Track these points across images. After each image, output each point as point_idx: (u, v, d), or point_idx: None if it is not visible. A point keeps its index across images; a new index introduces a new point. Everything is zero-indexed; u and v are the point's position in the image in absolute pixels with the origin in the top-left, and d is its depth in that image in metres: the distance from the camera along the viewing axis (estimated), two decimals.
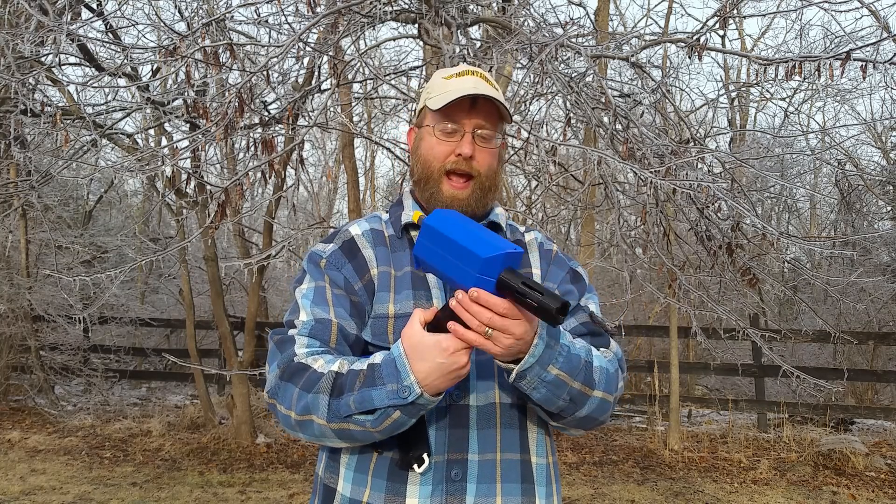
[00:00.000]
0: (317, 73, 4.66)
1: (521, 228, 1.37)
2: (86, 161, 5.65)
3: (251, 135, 3.52)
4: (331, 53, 3.50)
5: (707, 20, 3.70)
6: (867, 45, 3.41)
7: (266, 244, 5.95)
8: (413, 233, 1.28)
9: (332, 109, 4.61)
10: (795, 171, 11.43)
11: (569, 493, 5.02)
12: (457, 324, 0.99)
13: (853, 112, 14.38)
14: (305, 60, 4.13)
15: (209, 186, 3.44)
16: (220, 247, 9.30)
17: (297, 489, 5.06)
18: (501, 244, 0.98)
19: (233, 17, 4.04)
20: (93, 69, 4.92)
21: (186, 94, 4.22)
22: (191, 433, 6.48)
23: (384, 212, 1.36)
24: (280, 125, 3.90)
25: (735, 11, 3.94)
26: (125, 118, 5.69)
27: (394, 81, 4.39)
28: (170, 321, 9.14)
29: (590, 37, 4.24)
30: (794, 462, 5.78)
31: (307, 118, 4.40)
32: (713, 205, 3.87)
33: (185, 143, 4.54)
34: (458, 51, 3.29)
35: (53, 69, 4.83)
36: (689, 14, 32.96)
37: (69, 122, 4.65)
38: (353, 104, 5.49)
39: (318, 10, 3.24)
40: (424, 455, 1.09)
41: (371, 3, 3.29)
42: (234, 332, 6.88)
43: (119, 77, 4.38)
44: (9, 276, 7.18)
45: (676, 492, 5.10)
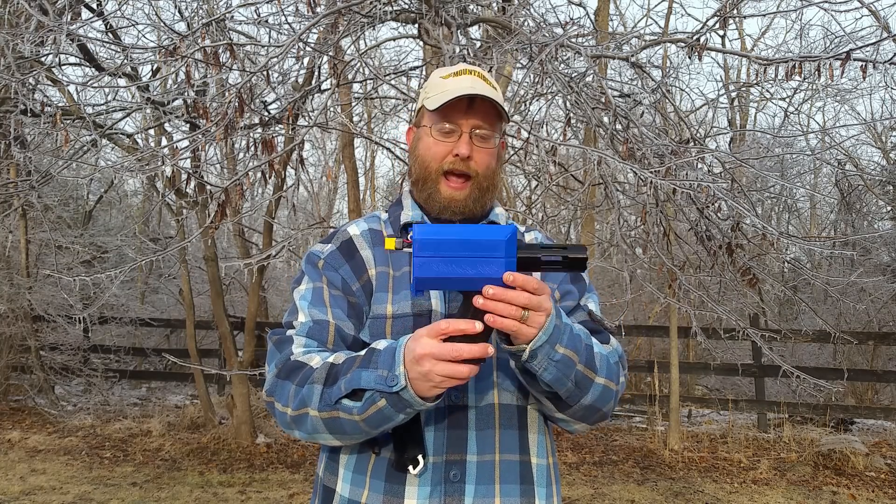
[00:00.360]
0: (317, 73, 4.66)
1: (522, 228, 1.37)
2: (86, 161, 5.65)
3: (251, 135, 3.52)
4: (331, 53, 3.50)
5: (707, 20, 3.70)
6: (867, 45, 3.41)
7: (266, 244, 5.95)
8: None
9: (332, 109, 4.61)
10: (795, 171, 11.43)
11: (569, 493, 5.02)
12: (494, 316, 0.96)
13: (853, 112, 14.39)
14: (305, 60, 4.13)
15: (209, 186, 3.44)
16: (220, 247, 9.30)
17: (297, 489, 5.06)
18: (500, 227, 0.99)
19: (233, 17, 4.04)
20: (93, 69, 4.92)
21: (186, 94, 4.22)
22: (191, 433, 6.48)
23: (383, 211, 1.35)
24: (280, 125, 3.90)
25: (735, 11, 3.94)
26: (125, 118, 5.70)
27: (394, 81, 4.39)
28: (170, 321, 9.14)
29: (590, 37, 4.24)
30: (794, 462, 5.78)
31: (307, 118, 4.40)
32: (713, 205, 3.87)
33: (185, 143, 4.54)
34: (458, 51, 3.29)
35: (53, 69, 4.83)
36: (689, 14, 32.98)
37: (69, 122, 4.65)
38: (353, 104, 5.49)
39: (318, 10, 3.24)
40: (420, 457, 1.09)
41: (371, 3, 3.29)
42: (234, 332, 6.88)
43: (119, 77, 4.39)
44: (9, 276, 7.18)
45: (676, 492, 5.11)
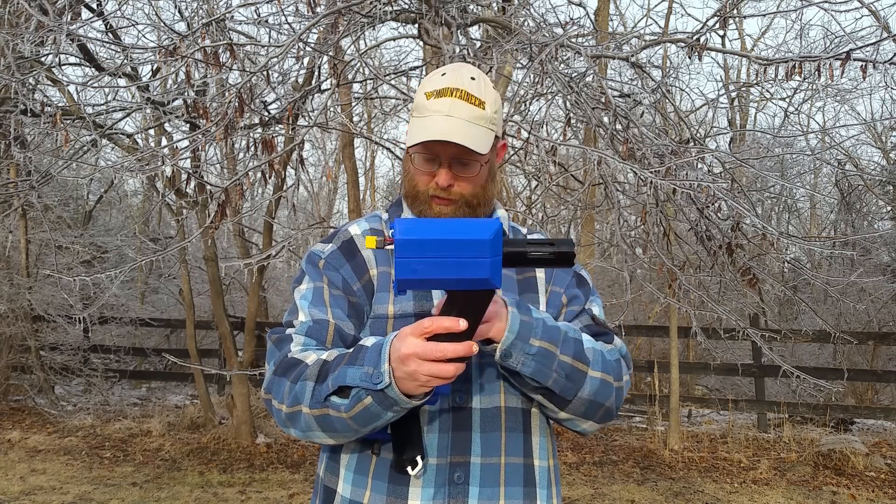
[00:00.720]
0: (317, 73, 4.66)
1: (524, 230, 1.37)
2: (86, 161, 5.65)
3: (251, 135, 3.52)
4: (331, 53, 3.50)
5: (707, 20, 3.70)
6: (867, 45, 3.41)
7: (266, 244, 5.95)
8: None
9: (332, 109, 4.61)
10: (795, 171, 11.44)
11: (569, 493, 5.02)
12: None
13: (853, 112, 14.40)
14: (305, 60, 4.13)
15: (209, 186, 3.44)
16: (220, 247, 9.29)
17: (297, 489, 5.06)
18: (485, 222, 0.95)
19: (233, 17, 4.04)
20: (93, 69, 4.92)
21: (186, 94, 4.22)
22: (191, 433, 6.48)
23: (384, 211, 1.35)
24: (280, 125, 3.90)
25: (735, 11, 3.94)
26: (125, 118, 5.69)
27: (394, 81, 4.39)
28: (170, 321, 9.14)
29: (590, 37, 4.24)
30: (794, 462, 5.78)
31: (307, 118, 4.39)
32: (713, 205, 3.87)
33: (185, 143, 4.55)
34: (458, 51, 3.29)
35: (53, 69, 4.83)
36: (689, 14, 33.00)
37: (69, 122, 4.65)
38: (353, 104, 5.49)
39: (318, 10, 3.24)
40: (418, 457, 1.09)
41: (371, 3, 3.29)
42: (234, 332, 6.88)
43: (119, 77, 4.39)
44: (9, 276, 7.18)
45: (676, 492, 5.11)
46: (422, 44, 4.33)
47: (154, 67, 5.86)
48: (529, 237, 1.34)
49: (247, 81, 3.00)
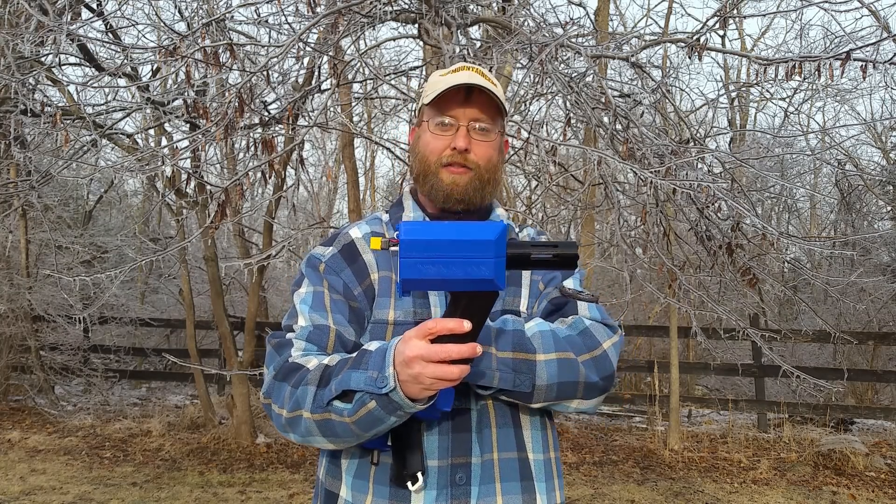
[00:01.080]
0: (317, 73, 4.66)
1: (516, 227, 1.37)
2: (86, 161, 5.65)
3: (251, 135, 3.52)
4: (331, 53, 3.50)
5: (707, 20, 3.70)
6: (867, 45, 3.40)
7: (266, 244, 5.95)
8: None
9: (332, 109, 4.61)
10: (795, 171, 11.45)
11: (569, 493, 5.02)
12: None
13: (853, 112, 14.39)
14: (305, 60, 4.13)
15: (209, 186, 3.45)
16: (220, 247, 9.30)
17: (297, 489, 5.06)
18: (490, 224, 0.96)
19: (233, 17, 4.04)
20: (93, 69, 4.92)
21: (186, 94, 4.21)
22: (191, 433, 6.48)
23: (384, 213, 1.34)
24: (280, 125, 3.90)
25: (735, 11, 3.94)
26: (125, 118, 5.69)
27: (394, 81, 4.39)
28: (170, 321, 9.14)
29: (590, 37, 4.24)
30: (794, 462, 5.78)
31: (307, 118, 4.39)
32: (713, 205, 3.87)
33: (185, 143, 4.55)
34: (458, 51, 3.29)
35: (53, 69, 4.83)
36: (689, 14, 32.97)
37: (69, 122, 4.65)
38: (353, 104, 5.49)
39: (318, 10, 3.24)
40: (419, 473, 1.08)
41: (371, 3, 3.29)
42: (234, 332, 6.88)
43: (119, 77, 4.38)
44: (9, 276, 7.19)
45: (676, 492, 5.11)
46: (422, 44, 4.33)
47: (154, 67, 5.86)
48: (521, 233, 1.34)
49: (247, 81, 3.00)
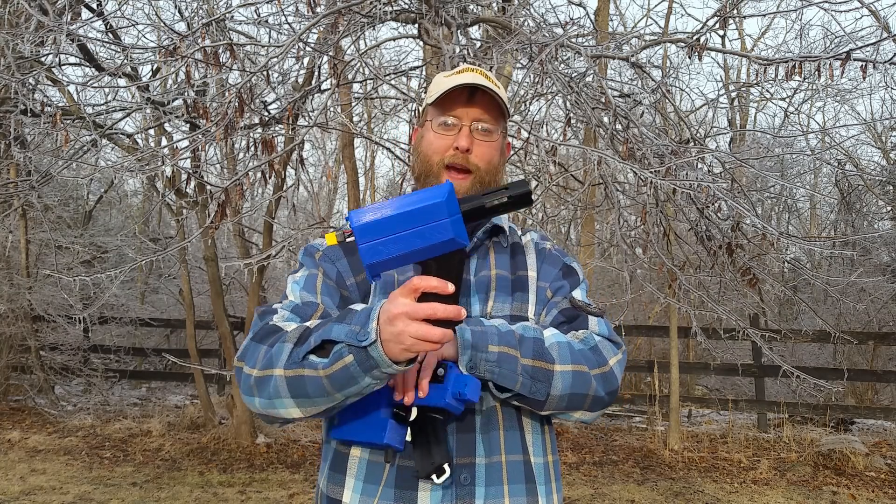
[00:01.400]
0: (317, 73, 4.66)
1: (519, 231, 1.37)
2: (86, 161, 5.65)
3: (251, 135, 3.52)
4: (331, 53, 3.50)
5: (707, 20, 3.70)
6: (867, 45, 3.41)
7: (266, 244, 5.95)
8: None
9: (332, 109, 4.61)
10: (795, 171, 11.45)
11: (569, 493, 5.02)
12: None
13: (853, 112, 14.40)
14: (305, 60, 4.13)
15: (209, 186, 3.45)
16: (220, 247, 9.30)
17: (297, 489, 5.06)
18: (435, 188, 0.95)
19: (233, 17, 4.04)
20: (93, 69, 4.92)
21: (186, 94, 4.22)
22: (191, 433, 6.48)
23: None
24: (280, 125, 3.90)
25: (735, 11, 3.94)
26: (125, 118, 5.69)
27: (394, 81, 4.39)
28: (170, 321, 9.14)
29: (590, 37, 4.24)
30: (794, 462, 5.78)
31: (307, 118, 4.39)
32: (713, 205, 3.87)
33: (185, 143, 4.55)
34: (458, 51, 3.29)
35: (53, 69, 4.83)
36: (689, 14, 32.99)
37: (69, 122, 4.65)
38: (353, 104, 5.49)
39: (318, 10, 3.24)
40: (445, 465, 1.08)
41: (371, 3, 3.29)
42: (234, 332, 6.88)
43: (119, 77, 4.38)
44: (9, 276, 7.19)
45: (676, 492, 5.10)
46: (422, 44, 4.33)
47: (154, 67, 5.86)
48: (524, 236, 1.35)
49: (247, 81, 3.00)
